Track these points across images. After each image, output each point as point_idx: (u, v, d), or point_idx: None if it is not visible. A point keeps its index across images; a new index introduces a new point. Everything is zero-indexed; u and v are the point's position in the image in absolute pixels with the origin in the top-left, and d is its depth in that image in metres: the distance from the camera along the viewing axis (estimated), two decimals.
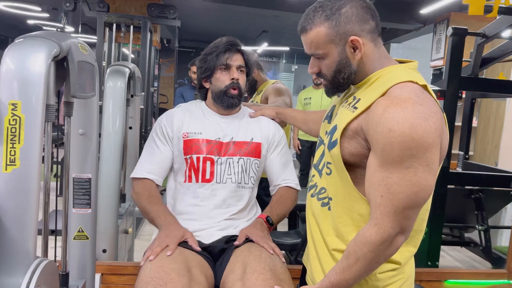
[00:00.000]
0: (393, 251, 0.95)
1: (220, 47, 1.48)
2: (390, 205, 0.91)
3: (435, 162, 0.91)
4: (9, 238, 0.88)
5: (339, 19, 0.98)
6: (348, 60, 1.01)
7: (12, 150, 0.88)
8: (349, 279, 0.97)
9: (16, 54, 0.92)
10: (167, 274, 1.16)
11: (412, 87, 0.94)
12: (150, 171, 1.47)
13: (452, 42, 2.31)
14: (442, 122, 0.94)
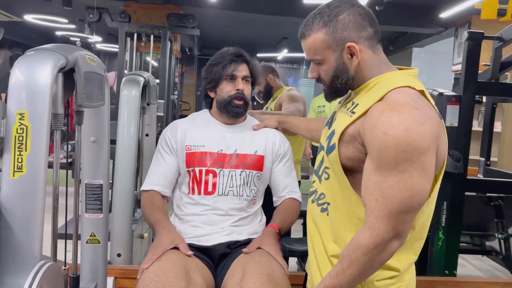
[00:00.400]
0: (387, 256, 0.95)
1: (226, 58, 1.49)
2: (385, 209, 0.91)
3: (431, 166, 0.90)
4: (16, 241, 0.93)
5: (336, 25, 1.00)
6: (345, 66, 1.02)
7: (20, 157, 0.93)
8: (343, 284, 0.97)
9: (24, 66, 0.97)
10: (166, 277, 1.19)
11: (409, 92, 0.94)
12: (156, 182, 1.52)
13: (468, 46, 2.27)
14: (439, 127, 0.93)
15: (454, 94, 2.27)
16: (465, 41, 2.27)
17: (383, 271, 1.01)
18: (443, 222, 2.28)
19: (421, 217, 1.00)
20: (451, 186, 2.26)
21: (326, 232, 1.08)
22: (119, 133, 2.02)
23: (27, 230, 0.94)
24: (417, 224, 1.01)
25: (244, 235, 1.44)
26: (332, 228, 1.06)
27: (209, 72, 1.52)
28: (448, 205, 2.27)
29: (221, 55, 1.53)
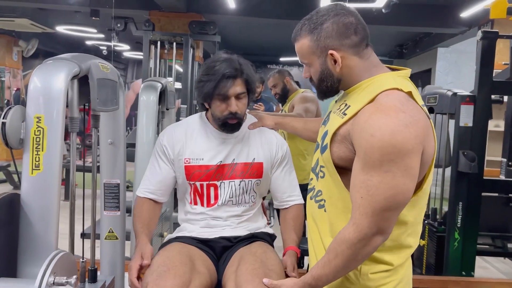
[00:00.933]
0: (371, 250, 0.99)
1: (217, 75, 1.38)
2: (369, 206, 0.95)
3: (414, 167, 0.95)
4: (35, 233, 1.02)
5: (320, 33, 1.05)
6: (329, 71, 1.07)
7: (37, 156, 1.02)
8: (329, 274, 1.02)
9: (42, 74, 1.07)
10: (171, 262, 1.26)
11: (397, 95, 0.98)
12: (151, 191, 1.50)
13: (482, 45, 2.27)
14: (426, 129, 0.97)
15: (468, 94, 2.27)
16: (479, 40, 2.27)
17: (378, 264, 1.05)
18: (459, 223, 2.27)
19: (411, 213, 1.04)
20: (466, 186, 2.25)
21: (323, 227, 1.12)
22: (138, 137, 2.11)
23: (44, 223, 1.03)
24: (409, 220, 1.04)
25: (246, 231, 1.48)
26: (330, 223, 1.11)
27: (201, 87, 1.42)
28: (464, 206, 2.26)
29: (213, 69, 1.40)
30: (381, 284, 1.06)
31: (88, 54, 1.27)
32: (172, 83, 4.36)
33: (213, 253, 1.44)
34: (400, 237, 1.05)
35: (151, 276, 1.23)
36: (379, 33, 6.46)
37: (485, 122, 2.28)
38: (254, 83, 1.47)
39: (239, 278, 1.24)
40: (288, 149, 1.59)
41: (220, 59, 1.42)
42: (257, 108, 3.99)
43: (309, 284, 1.07)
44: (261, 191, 1.55)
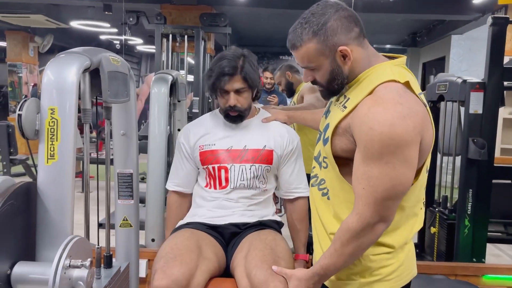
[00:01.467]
0: (374, 238, 1.03)
1: (217, 71, 1.51)
2: (371, 197, 0.99)
3: (414, 157, 0.98)
4: (51, 219, 1.08)
5: (326, 33, 1.04)
6: (339, 68, 1.08)
7: (52, 146, 1.07)
8: (336, 263, 1.06)
9: (55, 67, 1.11)
10: (179, 249, 1.33)
11: (395, 87, 1.01)
12: (178, 184, 1.68)
13: (492, 31, 2.25)
14: (424, 119, 1.00)
15: (478, 81, 2.25)
16: (489, 26, 2.25)
17: (379, 247, 1.09)
18: (469, 210, 2.27)
19: (409, 198, 1.07)
20: (476, 173, 2.25)
21: (326, 214, 1.16)
22: (150, 129, 2.17)
23: (60, 209, 1.08)
24: (406, 205, 1.08)
25: (255, 218, 1.53)
26: (333, 211, 1.14)
27: (206, 81, 1.57)
28: (474, 193, 2.26)
29: (215, 66, 1.54)
30: (383, 265, 1.10)
31: (99, 48, 1.32)
32: (184, 76, 4.42)
33: (222, 239, 1.49)
34: (399, 221, 1.08)
35: (159, 263, 1.29)
36: (392, 22, 6.40)
37: (495, 109, 2.27)
38: (254, 80, 1.54)
39: (249, 263, 1.29)
40: (299, 143, 1.66)
41: (224, 57, 1.54)
42: (271, 100, 4.02)
43: (318, 274, 1.11)
44: (271, 179, 1.61)
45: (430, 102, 2.76)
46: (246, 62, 1.53)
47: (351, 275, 1.11)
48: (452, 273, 1.92)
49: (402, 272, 1.12)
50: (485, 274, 1.94)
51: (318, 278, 1.11)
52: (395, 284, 1.10)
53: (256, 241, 1.39)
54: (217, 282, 1.38)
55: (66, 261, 0.98)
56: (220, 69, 1.50)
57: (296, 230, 1.61)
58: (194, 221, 1.55)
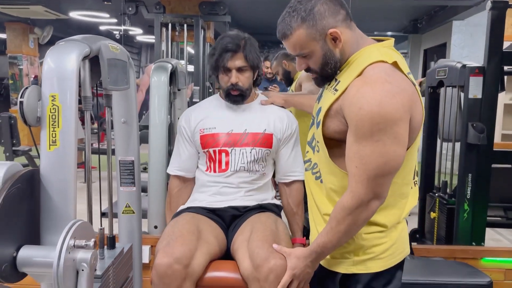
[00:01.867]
0: (369, 215, 1.06)
1: (220, 48, 1.54)
2: (363, 174, 1.02)
3: (403, 134, 1.00)
4: (54, 204, 1.10)
5: (315, 18, 1.07)
6: (331, 52, 1.10)
7: (53, 133, 1.09)
8: (333, 240, 1.10)
9: (55, 55, 1.12)
10: (180, 231, 1.37)
11: (383, 67, 1.03)
12: (179, 168, 1.69)
13: (492, 16, 2.24)
14: (413, 97, 1.02)
15: (477, 65, 2.26)
16: (488, 10, 2.24)
17: (372, 226, 1.12)
18: (468, 194, 2.29)
19: (400, 177, 1.10)
20: (476, 158, 2.27)
21: (320, 196, 1.19)
22: (150, 117, 2.18)
23: (63, 195, 1.10)
24: (396, 181, 1.10)
25: (255, 202, 1.56)
26: (326, 193, 1.17)
27: (209, 59, 1.60)
28: (473, 177, 2.28)
29: (217, 44, 1.57)
30: (375, 244, 1.13)
31: (98, 36, 1.33)
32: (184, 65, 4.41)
33: (222, 222, 1.52)
34: (390, 200, 1.11)
35: (161, 244, 1.33)
36: (393, 9, 6.36)
37: (494, 94, 2.28)
38: (256, 60, 1.57)
39: (251, 245, 1.32)
40: (298, 128, 1.68)
41: (227, 36, 1.56)
42: (272, 90, 4.03)
43: (316, 252, 1.15)
44: (270, 163, 1.63)
45: (430, 88, 2.76)
46: (248, 43, 1.56)
47: (345, 254, 1.15)
48: (451, 256, 1.95)
49: (394, 250, 1.15)
50: (483, 257, 1.96)
51: (316, 256, 1.15)
52: (387, 262, 1.14)
53: (257, 224, 1.42)
54: (218, 264, 1.41)
55: (71, 241, 1.00)
56: (223, 46, 1.53)
57: (293, 214, 1.63)
58: (194, 205, 1.57)
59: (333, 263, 1.18)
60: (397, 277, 1.16)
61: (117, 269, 1.31)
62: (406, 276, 1.18)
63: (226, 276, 1.37)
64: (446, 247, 2.06)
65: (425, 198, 2.81)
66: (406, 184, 1.14)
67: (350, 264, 1.14)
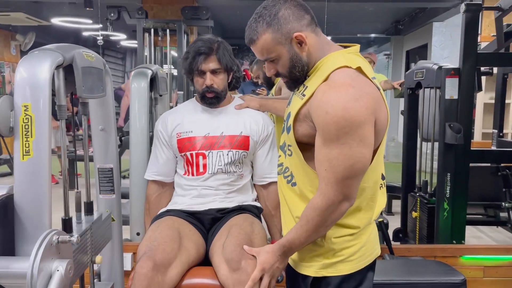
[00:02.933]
0: (338, 216, 1.09)
1: (193, 52, 1.56)
2: (332, 177, 1.05)
3: (369, 136, 1.03)
4: (28, 215, 1.09)
5: (279, 22, 1.09)
6: (297, 55, 1.12)
7: (26, 143, 1.09)
8: (301, 238, 1.12)
9: (27, 64, 1.12)
10: (162, 237, 1.38)
11: (347, 72, 1.06)
12: (158, 173, 1.70)
13: (466, 18, 2.29)
14: (377, 100, 1.05)
15: (452, 67, 2.30)
16: (462, 13, 2.29)
17: (343, 229, 1.14)
18: (448, 193, 2.33)
19: (369, 179, 1.12)
20: (454, 157, 2.31)
21: (291, 198, 1.21)
22: (131, 124, 2.17)
23: (38, 205, 1.10)
24: (367, 186, 1.13)
25: (235, 203, 1.57)
26: (299, 196, 1.19)
27: (183, 63, 1.61)
28: (452, 176, 2.32)
29: (191, 47, 1.59)
30: (345, 247, 1.15)
31: (73, 44, 1.33)
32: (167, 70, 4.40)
33: (202, 226, 1.53)
34: (361, 202, 1.14)
35: (143, 249, 1.33)
36: (375, 11, 6.44)
37: (470, 94, 2.32)
38: (229, 62, 1.59)
39: (225, 250, 1.35)
40: (274, 130, 1.70)
41: (200, 39, 1.59)
42: (260, 92, 4.04)
43: (284, 246, 1.17)
44: (248, 165, 1.64)
45: (409, 89, 2.81)
46: (221, 46, 1.58)
47: (315, 257, 1.17)
48: (431, 255, 1.98)
49: (364, 252, 1.17)
50: (462, 254, 2.00)
51: (284, 250, 1.17)
52: (357, 264, 1.16)
53: (233, 227, 1.43)
54: (196, 270, 1.41)
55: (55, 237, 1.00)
56: (196, 49, 1.56)
57: (271, 216, 1.65)
58: (175, 208, 1.58)
59: (304, 266, 1.19)
60: (368, 278, 1.18)
61: (95, 235, 1.31)
62: (381, 276, 1.20)
63: (204, 283, 1.38)
64: (426, 246, 2.10)
65: (407, 197, 2.85)
66: (375, 187, 1.17)
67: (320, 267, 1.16)
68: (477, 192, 2.71)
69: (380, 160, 1.14)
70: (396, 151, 5.41)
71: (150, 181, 1.73)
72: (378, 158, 1.12)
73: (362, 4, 5.31)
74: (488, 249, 2.02)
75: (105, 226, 1.43)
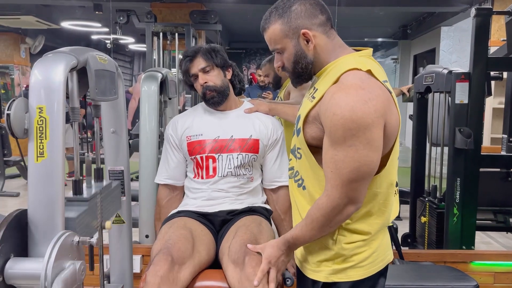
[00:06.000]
0: (344, 218, 1.09)
1: (182, 60, 1.64)
2: (338, 179, 1.04)
3: (376, 139, 1.02)
4: (42, 216, 1.10)
5: (290, 15, 1.11)
6: (303, 52, 1.13)
7: (41, 144, 1.10)
8: (305, 235, 1.13)
9: (42, 67, 1.13)
10: (177, 236, 1.39)
11: (358, 74, 1.05)
12: (168, 177, 1.71)
13: (476, 23, 2.28)
14: (387, 103, 1.04)
15: (463, 71, 2.29)
16: (473, 17, 2.28)
17: (353, 234, 1.13)
18: (457, 198, 2.32)
19: (381, 185, 1.11)
20: (464, 162, 2.29)
21: (301, 202, 1.21)
22: (141, 127, 2.19)
23: (51, 207, 1.11)
24: (379, 191, 1.12)
25: (245, 205, 1.58)
26: (309, 199, 1.18)
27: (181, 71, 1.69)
28: (461, 182, 2.31)
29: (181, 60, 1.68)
30: (356, 253, 1.14)
31: (86, 47, 1.34)
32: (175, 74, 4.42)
33: (212, 227, 1.54)
34: (373, 207, 1.13)
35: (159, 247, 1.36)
36: (383, 15, 6.43)
37: (481, 99, 2.31)
38: (219, 59, 1.63)
39: (231, 251, 1.35)
40: (283, 134, 1.70)
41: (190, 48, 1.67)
42: (266, 96, 4.03)
43: (288, 241, 1.18)
44: (257, 168, 1.65)
45: (418, 94, 2.80)
46: (207, 48, 1.64)
47: (324, 261, 1.16)
48: (441, 260, 1.96)
49: (375, 258, 1.16)
50: (473, 260, 1.98)
51: (288, 245, 1.19)
52: (368, 271, 1.15)
53: (241, 228, 1.44)
54: (207, 273, 1.42)
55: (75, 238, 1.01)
56: (184, 55, 1.64)
57: (281, 220, 1.65)
58: (185, 209, 1.59)
59: (313, 271, 1.19)
60: (379, 284, 1.17)
61: (105, 201, 1.31)
62: (392, 281, 1.20)
63: (214, 285, 1.38)
64: (436, 251, 2.08)
65: (416, 202, 2.84)
66: (389, 193, 1.15)
67: (330, 272, 1.15)
68: (487, 198, 2.69)
69: (393, 164, 1.13)
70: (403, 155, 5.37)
71: (161, 185, 1.74)
72: (391, 163, 1.11)
73: (371, 8, 5.31)
74: (499, 255, 2.01)
75: (114, 194, 1.43)
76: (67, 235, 1.05)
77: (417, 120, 2.86)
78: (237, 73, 1.72)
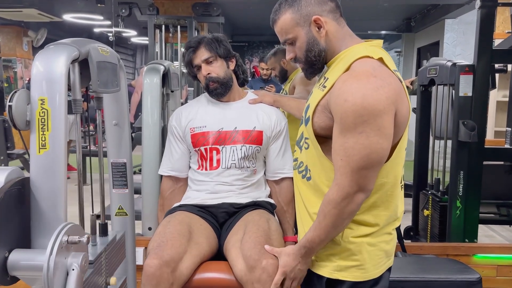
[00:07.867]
0: (355, 207, 1.06)
1: (185, 51, 1.63)
2: (348, 166, 1.03)
3: (387, 127, 1.01)
4: (44, 208, 1.10)
5: (300, 3, 1.11)
6: (315, 39, 1.13)
7: (43, 136, 1.09)
8: (321, 235, 1.10)
9: (43, 58, 1.13)
10: (171, 233, 1.37)
11: (370, 62, 1.04)
12: (172, 168, 1.69)
13: (481, 14, 2.26)
14: (398, 91, 1.03)
15: (467, 64, 2.28)
16: (477, 9, 2.26)
17: (360, 226, 1.13)
18: (461, 192, 2.31)
19: (388, 175, 1.10)
20: (467, 155, 2.28)
21: (306, 194, 1.20)
22: (144, 120, 2.18)
23: (53, 198, 1.10)
24: (387, 181, 1.11)
25: (249, 199, 1.57)
26: (314, 191, 1.18)
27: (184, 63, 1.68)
28: (465, 174, 2.30)
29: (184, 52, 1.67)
30: (361, 250, 1.13)
31: (88, 39, 1.33)
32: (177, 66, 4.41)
33: (215, 221, 1.54)
34: (379, 198, 1.12)
35: (152, 244, 1.34)
36: (387, 8, 6.38)
37: (485, 92, 2.30)
38: (223, 49, 1.62)
39: (244, 246, 1.34)
40: (287, 125, 1.69)
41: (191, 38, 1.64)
42: (269, 90, 4.02)
43: (305, 247, 1.15)
44: (261, 160, 1.64)
45: (422, 86, 2.78)
46: (210, 39, 1.62)
47: (330, 256, 1.15)
48: (443, 253, 1.96)
49: (379, 261, 1.15)
50: (475, 253, 1.98)
51: (305, 251, 1.16)
52: (372, 273, 1.14)
53: (250, 223, 1.43)
54: (209, 264, 1.42)
55: (64, 237, 1.01)
56: (186, 46, 1.63)
57: (283, 212, 1.64)
58: (188, 203, 1.59)
59: (318, 265, 1.18)
60: (384, 278, 1.16)
61: (110, 256, 1.32)
62: (396, 273, 1.19)
63: (218, 277, 1.37)
64: (439, 244, 2.08)
65: (418, 195, 2.83)
66: (396, 185, 1.14)
67: (334, 268, 1.15)
68: (490, 191, 2.68)
69: (401, 155, 1.12)
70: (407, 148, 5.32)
71: (164, 177, 1.73)
72: (399, 153, 1.10)
73: (375, 0, 5.27)
74: (502, 248, 2.00)
75: (119, 246, 1.43)
76: (70, 226, 1.05)
77: (420, 113, 2.84)
78: (240, 63, 1.71)
